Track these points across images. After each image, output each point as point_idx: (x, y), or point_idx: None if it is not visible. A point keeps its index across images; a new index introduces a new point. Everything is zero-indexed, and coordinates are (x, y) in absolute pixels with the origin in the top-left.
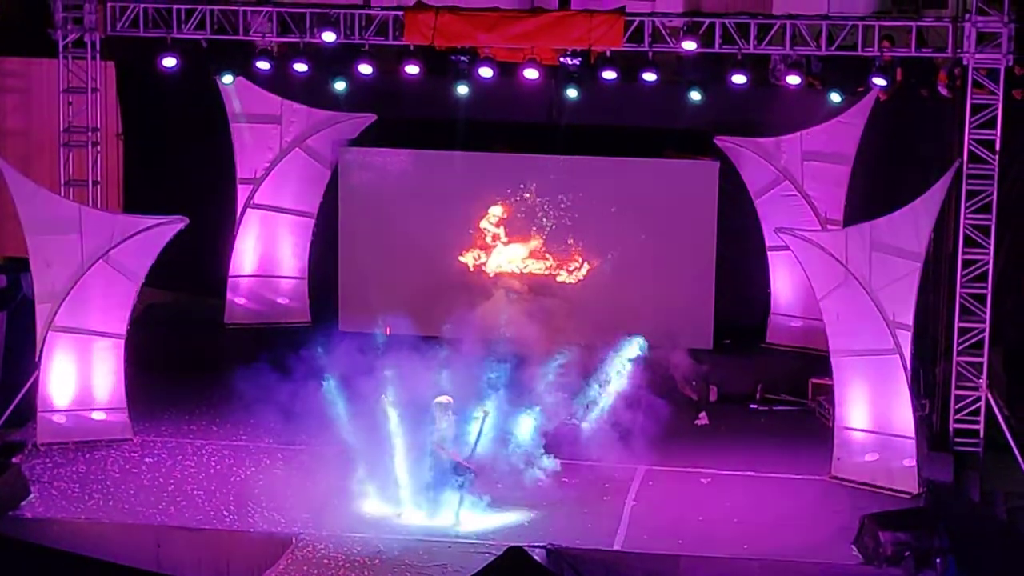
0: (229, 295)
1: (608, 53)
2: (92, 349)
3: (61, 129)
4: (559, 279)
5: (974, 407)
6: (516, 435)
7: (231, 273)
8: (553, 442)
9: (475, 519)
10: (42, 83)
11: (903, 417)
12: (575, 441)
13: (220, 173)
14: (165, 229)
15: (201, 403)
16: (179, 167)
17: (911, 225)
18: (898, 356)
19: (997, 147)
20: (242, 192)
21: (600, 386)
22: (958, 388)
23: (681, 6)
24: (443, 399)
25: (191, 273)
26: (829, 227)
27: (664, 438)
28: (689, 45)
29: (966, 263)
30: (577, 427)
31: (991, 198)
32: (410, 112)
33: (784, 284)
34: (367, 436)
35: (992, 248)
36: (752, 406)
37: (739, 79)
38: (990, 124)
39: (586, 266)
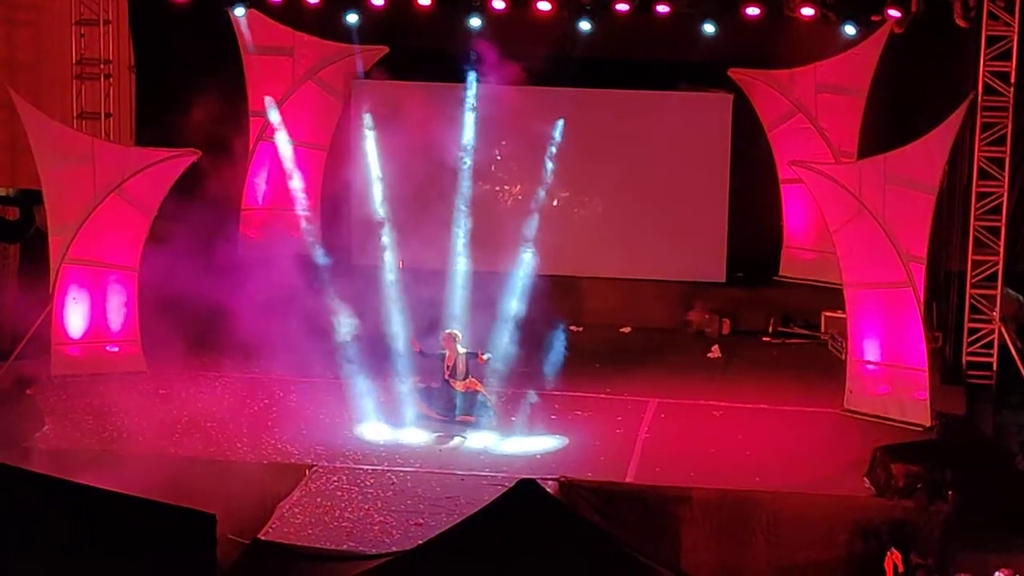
0: (242, 228)
1: None
2: (105, 282)
3: (73, 61)
4: (571, 212)
5: (987, 340)
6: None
7: (244, 206)
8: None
9: (488, 452)
10: (54, 15)
11: (916, 350)
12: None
13: (232, 106)
14: (177, 162)
15: (214, 335)
16: (191, 100)
17: (925, 157)
18: (911, 289)
19: (1012, 79)
20: (254, 125)
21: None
22: (971, 321)
23: None
24: (451, 331)
25: (203, 206)
26: (843, 160)
27: (676, 371)
28: None
29: (980, 195)
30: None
31: (1006, 130)
32: (423, 44)
33: (797, 217)
34: (379, 367)
35: (1006, 180)
36: (765, 339)
37: (753, 11)
38: (1005, 56)
39: (599, 199)
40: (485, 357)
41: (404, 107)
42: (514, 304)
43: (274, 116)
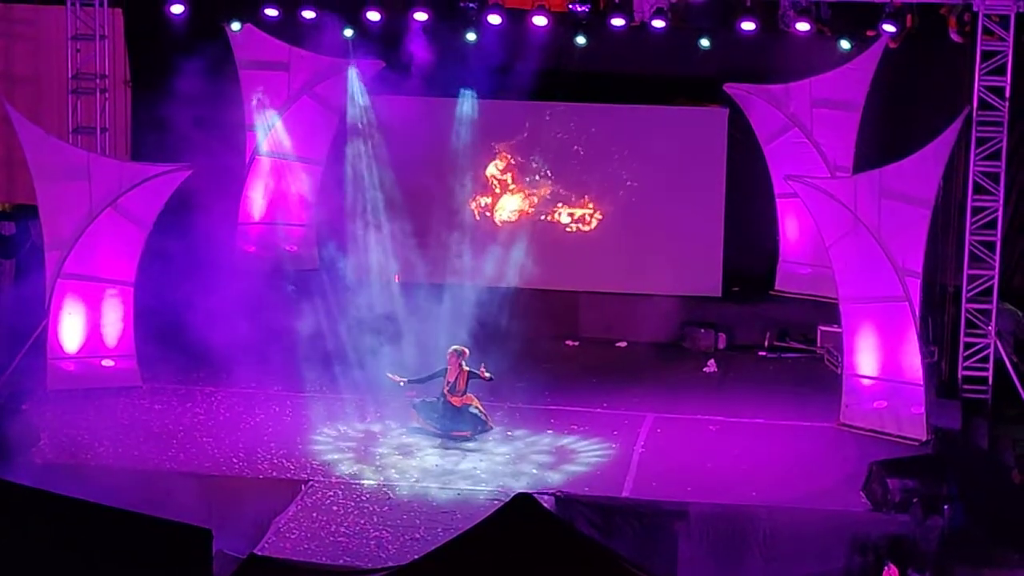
0: (238, 242)
1: (617, 0)
2: (101, 296)
3: (69, 76)
4: (567, 227)
5: (983, 354)
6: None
7: (240, 220)
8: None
9: (484, 466)
10: (50, 30)
11: (912, 364)
12: None
13: (228, 120)
14: (173, 176)
15: (210, 350)
16: (187, 114)
17: (920, 172)
18: (907, 303)
19: (1007, 94)
20: (250, 139)
21: None
22: (967, 335)
23: None
24: (458, 347)
25: (199, 220)
26: (838, 174)
27: (673, 385)
28: None
29: (975, 210)
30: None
31: (1000, 145)
32: (419, 59)
33: (793, 231)
34: (377, 383)
35: (1001, 195)
36: (761, 353)
37: (748, 26)
38: (1000, 71)
39: (595, 213)
40: (487, 375)
41: (400, 121)
42: (509, 318)
43: (267, 132)
